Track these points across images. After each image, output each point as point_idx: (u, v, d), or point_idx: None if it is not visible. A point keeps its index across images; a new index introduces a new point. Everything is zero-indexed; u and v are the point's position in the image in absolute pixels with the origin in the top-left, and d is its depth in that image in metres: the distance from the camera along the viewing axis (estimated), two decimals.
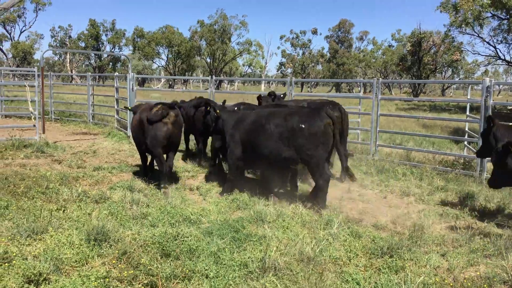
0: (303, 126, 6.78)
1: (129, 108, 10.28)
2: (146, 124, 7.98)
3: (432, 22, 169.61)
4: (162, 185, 7.99)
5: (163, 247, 5.09)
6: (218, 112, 8.10)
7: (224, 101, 9.93)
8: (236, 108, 9.18)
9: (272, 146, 7.08)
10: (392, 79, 69.54)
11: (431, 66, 57.38)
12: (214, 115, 8.13)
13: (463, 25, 35.32)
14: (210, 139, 10.47)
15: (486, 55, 42.58)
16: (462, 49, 48.00)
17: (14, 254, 4.76)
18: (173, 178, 8.85)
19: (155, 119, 7.89)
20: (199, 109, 9.63)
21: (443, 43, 52.66)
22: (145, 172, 9.04)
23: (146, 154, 8.99)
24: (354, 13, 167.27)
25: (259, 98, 10.29)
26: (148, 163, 9.19)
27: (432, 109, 34.63)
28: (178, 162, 10.63)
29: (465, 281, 4.62)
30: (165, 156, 8.31)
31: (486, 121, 7.07)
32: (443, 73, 71.91)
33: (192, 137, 11.71)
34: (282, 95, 10.78)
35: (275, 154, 7.10)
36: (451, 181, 9.05)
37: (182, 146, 12.72)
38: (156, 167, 8.92)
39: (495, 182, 6.17)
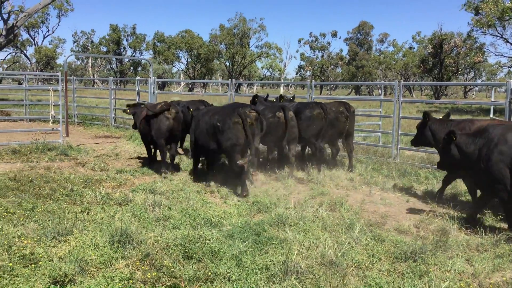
0: (218, 124, 8.14)
1: (128, 110, 10.97)
2: (152, 118, 9.55)
3: (453, 24, 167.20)
4: (162, 170, 9.49)
5: (185, 249, 5.13)
6: (191, 111, 9.72)
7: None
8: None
9: (204, 139, 8.65)
10: (412, 81, 68.73)
11: (453, 68, 56.60)
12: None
13: (485, 27, 34.82)
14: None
15: (509, 56, 41.83)
16: (485, 50, 47.26)
17: (41, 255, 4.87)
18: (176, 167, 10.29)
19: (157, 113, 9.51)
20: None
21: (465, 45, 51.92)
22: (150, 161, 10.65)
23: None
24: (374, 15, 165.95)
25: (255, 97, 11.19)
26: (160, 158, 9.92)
27: (455, 112, 34.09)
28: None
29: (490, 286, 4.55)
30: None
31: (423, 116, 8.35)
32: (465, 75, 70.85)
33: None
34: (265, 97, 11.73)
35: (207, 146, 8.66)
36: None
37: None
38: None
39: (443, 165, 7.03)
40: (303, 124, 9.75)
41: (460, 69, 59.03)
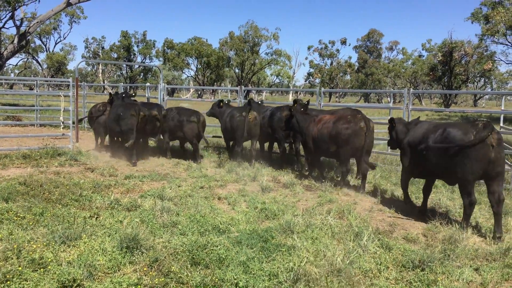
0: (121, 114, 11.45)
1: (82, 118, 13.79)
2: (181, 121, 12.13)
3: (463, 32, 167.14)
4: (199, 161, 11.88)
5: (193, 255, 5.15)
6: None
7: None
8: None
9: (114, 126, 11.93)
10: (422, 89, 68.48)
11: (463, 76, 56.27)
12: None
13: (495, 35, 34.60)
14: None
15: None
16: (495, 58, 46.97)
17: (50, 259, 4.90)
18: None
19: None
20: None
21: (475, 53, 51.65)
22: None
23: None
24: (383, 23, 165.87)
25: (220, 101, 13.06)
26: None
27: (464, 120, 33.91)
28: (207, 171, 10.74)
29: None
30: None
31: (289, 110, 10.67)
32: (475, 83, 70.40)
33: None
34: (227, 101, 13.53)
35: (118, 130, 11.87)
36: (484, 194, 8.83)
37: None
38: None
39: (392, 144, 8.51)
40: (276, 125, 11.51)
41: (470, 77, 58.65)
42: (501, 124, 11.88)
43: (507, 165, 9.98)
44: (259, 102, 13.56)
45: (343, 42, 79.77)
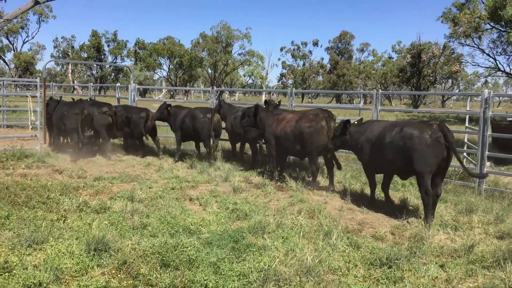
0: (65, 113, 11.87)
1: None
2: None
3: (432, 33, 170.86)
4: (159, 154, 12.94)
5: (162, 257, 5.12)
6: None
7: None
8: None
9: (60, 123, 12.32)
10: (392, 90, 69.70)
11: (431, 78, 57.51)
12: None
13: (462, 37, 35.41)
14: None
15: (486, 67, 42.64)
16: (462, 60, 48.11)
17: (15, 263, 4.80)
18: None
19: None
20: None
21: (442, 55, 52.85)
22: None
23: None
24: (355, 25, 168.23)
25: (167, 106, 12.97)
26: None
27: (432, 121, 34.58)
28: (178, 172, 10.68)
29: None
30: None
31: (254, 108, 10.55)
32: (443, 84, 72.04)
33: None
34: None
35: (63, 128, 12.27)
36: (450, 192, 9.08)
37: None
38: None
39: (333, 145, 8.80)
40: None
41: (437, 79, 60.01)
42: (467, 124, 12.19)
43: (472, 164, 10.26)
44: (230, 103, 13.50)
45: (315, 44, 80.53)
